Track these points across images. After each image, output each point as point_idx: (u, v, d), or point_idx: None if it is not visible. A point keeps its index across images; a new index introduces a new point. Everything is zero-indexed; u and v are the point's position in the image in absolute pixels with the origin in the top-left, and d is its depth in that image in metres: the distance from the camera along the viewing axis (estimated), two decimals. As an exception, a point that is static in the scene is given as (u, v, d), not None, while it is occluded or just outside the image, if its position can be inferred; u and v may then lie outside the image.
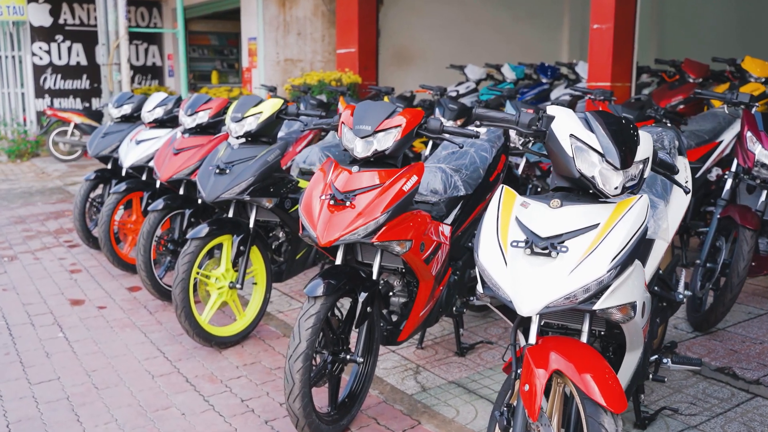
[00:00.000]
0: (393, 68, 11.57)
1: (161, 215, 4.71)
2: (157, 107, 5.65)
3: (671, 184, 2.99)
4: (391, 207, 2.91)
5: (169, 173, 4.76)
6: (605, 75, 7.01)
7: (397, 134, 3.04)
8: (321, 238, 2.90)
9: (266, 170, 3.98)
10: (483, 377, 3.58)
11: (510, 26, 12.56)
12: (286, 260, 4.40)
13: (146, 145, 5.54)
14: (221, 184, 3.95)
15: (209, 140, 4.87)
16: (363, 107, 3.13)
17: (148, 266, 4.65)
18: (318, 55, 11.88)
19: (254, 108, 4.12)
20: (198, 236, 3.88)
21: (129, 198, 5.55)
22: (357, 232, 2.89)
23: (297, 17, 11.61)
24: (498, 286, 2.18)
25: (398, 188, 2.95)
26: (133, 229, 5.63)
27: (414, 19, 11.64)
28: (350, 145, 3.10)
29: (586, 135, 2.24)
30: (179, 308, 3.83)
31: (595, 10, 7.05)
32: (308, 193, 3.08)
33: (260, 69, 11.65)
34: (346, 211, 2.92)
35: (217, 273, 4.03)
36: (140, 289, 5.23)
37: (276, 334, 4.29)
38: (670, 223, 2.85)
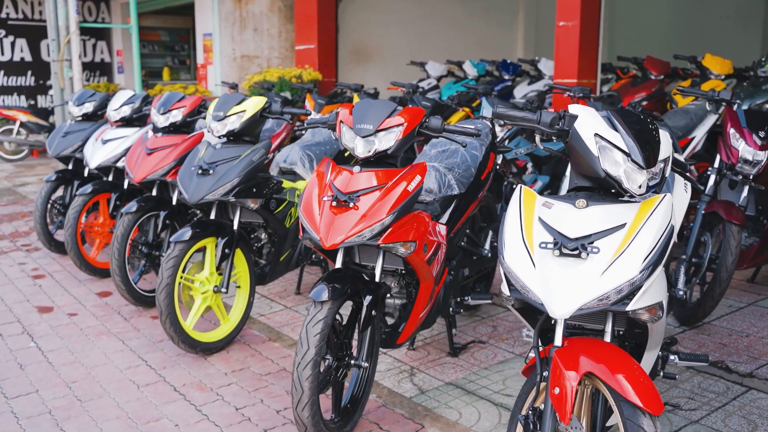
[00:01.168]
0: (352, 65, 11.49)
1: (135, 217, 4.54)
2: (124, 105, 5.46)
3: (672, 182, 3.00)
4: (396, 208, 2.84)
5: (142, 174, 4.59)
6: (571, 72, 7.07)
7: (399, 133, 2.98)
8: (325, 240, 2.82)
9: (252, 170, 3.87)
10: (479, 377, 3.55)
11: (466, 23, 12.62)
12: (270, 262, 4.30)
13: (113, 144, 5.35)
14: (205, 185, 3.82)
15: (183, 139, 4.72)
16: (363, 106, 3.05)
17: (122, 271, 4.47)
18: (275, 51, 11.70)
19: (237, 106, 3.99)
20: (182, 239, 3.74)
21: (96, 200, 5.34)
22: (362, 234, 2.82)
23: (253, 13, 11.41)
24: (527, 289, 2.15)
25: (402, 189, 2.89)
26: (100, 232, 5.42)
27: (372, 15, 11.58)
28: (350, 144, 3.02)
29: (610, 134, 2.22)
30: (164, 314, 3.69)
31: (561, 8, 7.10)
32: (308, 195, 2.99)
33: (216, 65, 11.42)
34: (349, 213, 2.85)
35: (201, 277, 3.90)
36: (111, 294, 5.04)
37: (261, 338, 4.18)
38: (676, 220, 2.86)
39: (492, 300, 3.74)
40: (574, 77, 7.05)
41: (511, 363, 3.72)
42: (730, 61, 7.20)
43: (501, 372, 3.61)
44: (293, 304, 4.70)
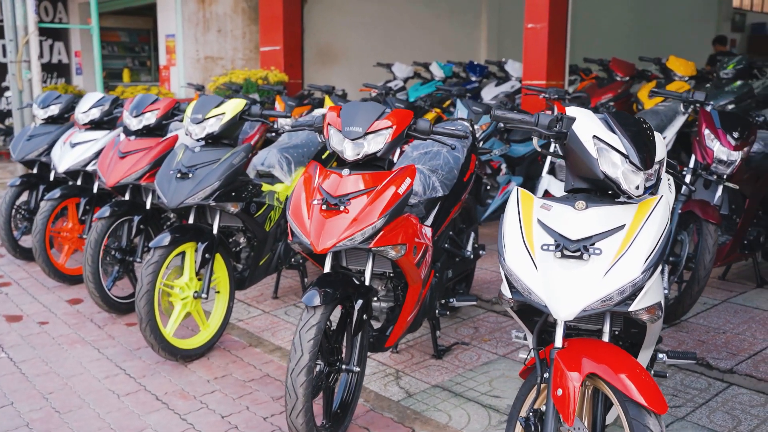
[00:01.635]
0: (317, 66, 11.44)
1: (109, 222, 4.44)
2: (93, 108, 5.34)
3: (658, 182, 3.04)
4: (387, 211, 2.83)
5: (116, 178, 4.49)
6: (540, 73, 7.14)
7: (389, 136, 2.96)
8: (316, 245, 2.79)
9: (232, 174, 3.82)
10: (466, 379, 3.55)
11: (431, 24, 12.67)
12: (249, 267, 4.24)
13: (82, 148, 5.22)
14: (184, 189, 3.75)
15: (157, 142, 4.63)
16: (351, 108, 3.03)
17: (96, 277, 4.37)
18: (239, 52, 11.58)
19: (216, 109, 3.93)
20: (161, 245, 3.67)
21: (64, 205, 5.21)
22: (354, 238, 2.80)
23: (217, 14, 11.28)
24: (530, 291, 2.15)
25: (393, 192, 2.87)
26: (69, 238, 5.29)
27: (337, 17, 11.54)
28: (339, 147, 2.99)
29: (608, 136, 2.23)
30: (144, 321, 3.61)
31: (530, 10, 7.17)
32: (296, 198, 2.96)
33: (179, 67, 11.25)
34: (340, 217, 2.82)
35: (180, 283, 3.82)
36: (82, 301, 4.92)
37: (241, 343, 4.12)
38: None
39: (476, 302, 3.74)
40: (543, 78, 7.12)
41: (496, 364, 3.73)
42: (693, 63, 7.35)
43: (486, 373, 3.62)
44: (271, 309, 4.64)
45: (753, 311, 4.32)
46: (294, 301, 4.77)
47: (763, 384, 3.36)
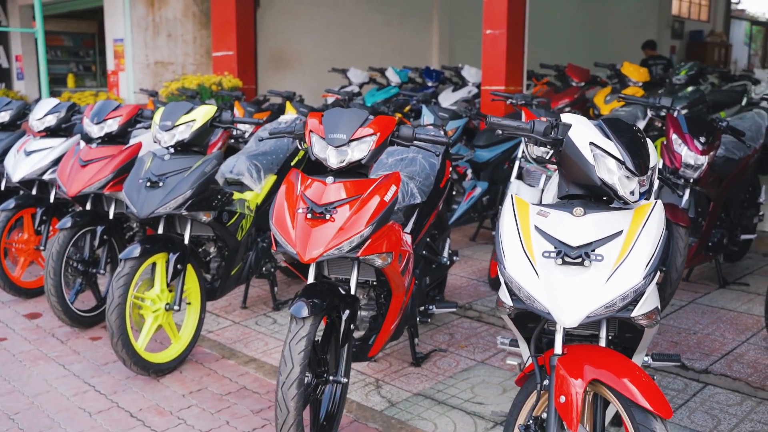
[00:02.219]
0: (270, 72, 11.33)
1: (71, 233, 4.29)
2: (48, 115, 5.15)
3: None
4: (374, 219, 2.79)
5: (78, 187, 4.34)
6: (499, 79, 7.20)
7: (372, 143, 2.93)
8: (303, 254, 2.73)
9: (204, 182, 3.72)
10: (447, 387, 3.54)
11: (383, 29, 12.68)
12: (220, 277, 4.14)
13: (38, 156, 5.03)
14: (155, 199, 3.64)
15: (120, 150, 4.49)
16: (333, 115, 2.98)
17: (59, 290, 4.21)
18: (189, 57, 11.38)
19: (186, 115, 3.83)
20: (132, 256, 3.55)
21: (19, 215, 5.01)
22: (341, 247, 2.75)
23: (167, 18, 11.06)
24: (533, 299, 2.14)
25: (379, 200, 2.84)
26: (24, 250, 5.09)
27: (290, 22, 11.46)
28: (322, 155, 2.94)
29: (604, 142, 2.24)
30: (116, 336, 3.49)
31: (488, 16, 7.23)
32: (279, 207, 2.89)
33: (128, 72, 11.00)
34: (326, 225, 2.77)
35: (151, 295, 3.71)
36: (41, 315, 4.74)
37: (213, 356, 4.02)
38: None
39: (456, 308, 3.73)
40: (502, 84, 7.18)
41: (475, 370, 3.72)
42: (646, 70, 7.53)
43: (467, 380, 3.61)
44: (241, 319, 4.55)
45: (719, 311, 4.43)
46: (264, 310, 4.69)
47: (738, 383, 3.43)
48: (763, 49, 25.58)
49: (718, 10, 22.76)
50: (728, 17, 23.40)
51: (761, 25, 26.29)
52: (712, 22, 22.60)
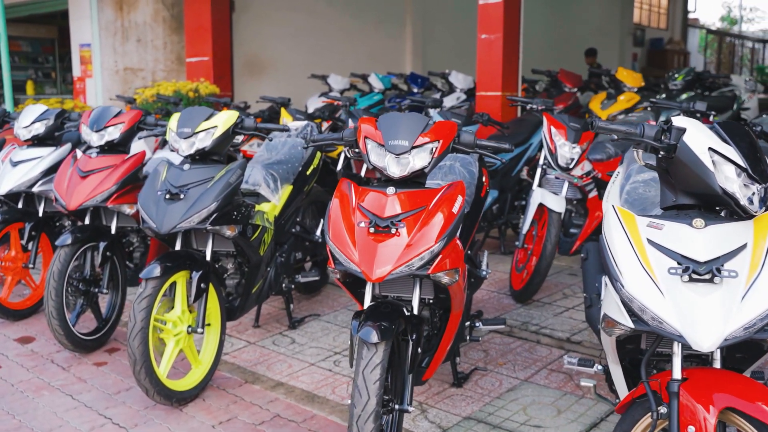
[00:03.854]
0: (245, 78, 11.02)
1: (73, 250, 3.95)
2: (36, 122, 4.80)
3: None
4: (445, 233, 2.56)
5: (79, 200, 4.01)
6: (495, 84, 7.05)
7: (436, 150, 2.71)
8: (369, 273, 2.49)
9: (229, 194, 3.44)
10: (497, 408, 3.32)
11: (357, 35, 12.49)
12: (240, 295, 3.85)
13: (26, 167, 4.67)
14: (176, 212, 3.35)
15: (122, 160, 4.18)
16: (391, 120, 2.74)
17: (61, 313, 3.87)
18: (160, 63, 10.99)
19: (206, 122, 3.55)
20: (153, 276, 3.25)
21: (6, 231, 4.63)
22: (411, 264, 2.51)
23: (136, 22, 10.66)
24: (660, 320, 1.94)
25: (447, 212, 2.61)
26: (11, 268, 4.70)
27: (265, 27, 11.17)
28: (380, 163, 2.70)
29: (724, 148, 2.06)
30: (138, 363, 3.18)
31: (483, 21, 7.08)
32: (335, 221, 2.64)
33: (97, 79, 10.55)
34: (393, 241, 2.53)
35: (172, 317, 3.41)
36: (34, 339, 4.38)
37: (235, 380, 3.73)
38: None
39: (504, 325, 3.53)
40: (498, 89, 7.03)
41: (522, 390, 3.51)
42: (640, 75, 7.47)
43: (516, 401, 3.40)
44: (257, 339, 4.26)
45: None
46: (279, 329, 4.41)
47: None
48: (717, 57, 26.16)
49: (675, 19, 23.18)
50: (685, 25, 23.86)
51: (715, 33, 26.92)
52: (671, 30, 23.01)
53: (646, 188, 2.88)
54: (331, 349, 4.07)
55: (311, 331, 4.34)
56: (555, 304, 4.60)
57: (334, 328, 4.38)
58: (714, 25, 32.86)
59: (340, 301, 4.88)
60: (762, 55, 28.82)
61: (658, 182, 2.78)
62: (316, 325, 4.44)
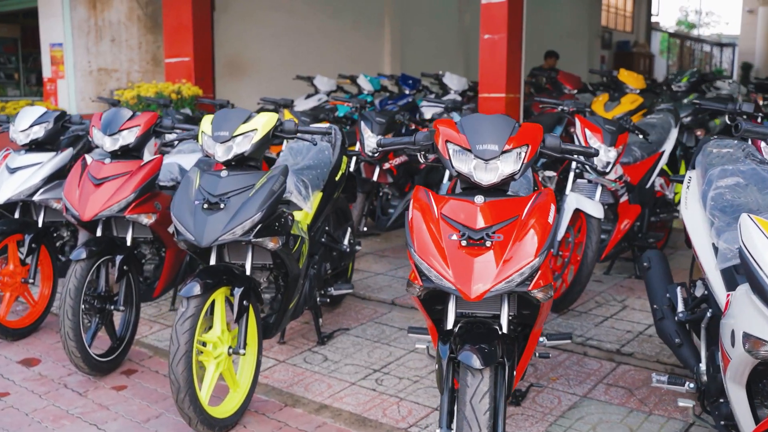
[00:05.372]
0: (226, 79, 10.67)
1: (89, 265, 3.62)
2: (35, 125, 4.46)
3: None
4: (544, 246, 2.35)
5: (94, 210, 3.69)
6: (499, 86, 6.88)
7: (525, 155, 2.49)
8: (467, 291, 2.26)
9: (273, 203, 3.17)
10: (564, 429, 3.12)
11: (337, 36, 12.26)
12: (276, 311, 3.58)
13: (26, 173, 4.33)
14: (218, 224, 3.07)
15: (139, 166, 3.86)
16: (476, 121, 2.52)
17: (77, 334, 3.54)
18: (135, 64, 10.57)
19: (245, 125, 3.27)
20: (194, 294, 2.96)
21: (4, 244, 4.26)
22: (511, 280, 2.30)
23: (110, 21, 10.23)
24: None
25: (543, 221, 2.40)
26: (9, 284, 4.33)
27: (246, 27, 10.85)
28: (466, 169, 2.47)
29: None
30: (182, 391, 2.89)
31: (486, 21, 6.90)
32: (418, 233, 2.41)
33: (69, 80, 10.09)
34: (489, 255, 2.31)
35: (212, 338, 3.12)
36: (39, 361, 4.03)
37: (273, 404, 3.45)
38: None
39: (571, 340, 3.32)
40: (502, 91, 6.87)
41: (585, 407, 3.32)
42: (642, 76, 7.38)
43: (582, 419, 3.20)
44: (286, 357, 3.99)
45: None
46: (307, 345, 4.14)
47: None
48: (679, 60, 26.59)
49: (640, 22, 23.49)
50: (649, 29, 24.19)
51: (677, 37, 27.37)
52: (636, 34, 23.30)
53: (733, 194, 2.71)
54: (369, 366, 3.83)
55: (342, 347, 4.09)
56: (591, 313, 4.43)
57: (366, 343, 4.13)
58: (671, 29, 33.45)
59: (364, 313, 4.63)
60: (720, 58, 29.42)
61: (745, 188, 2.62)
62: (345, 340, 4.18)
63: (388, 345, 4.10)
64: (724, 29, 36.49)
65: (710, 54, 28.92)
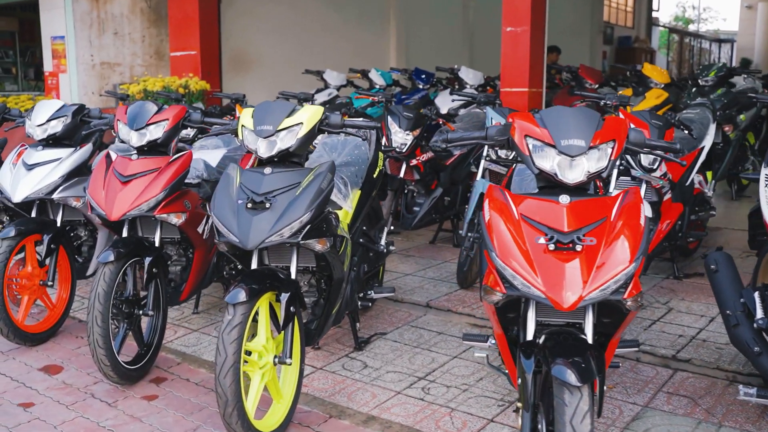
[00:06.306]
0: (231, 73, 10.45)
1: (118, 267, 3.41)
2: (53, 119, 4.24)
3: None
4: (639, 250, 2.16)
5: (122, 209, 3.48)
6: (522, 80, 6.68)
7: (612, 151, 2.30)
8: (560, 300, 2.08)
9: (322, 202, 2.97)
10: (633, 443, 2.94)
11: (342, 30, 12.05)
12: (318, 317, 3.38)
13: (44, 170, 4.11)
14: (264, 224, 2.86)
15: (168, 162, 3.66)
16: (558, 115, 2.33)
17: (107, 342, 3.33)
18: (138, 58, 10.33)
19: (289, 118, 3.06)
20: (239, 300, 2.75)
21: (21, 245, 4.04)
22: (606, 288, 2.11)
23: (113, 14, 9.98)
24: None
25: (635, 223, 2.21)
26: (27, 286, 4.12)
27: (251, 21, 10.63)
28: (548, 166, 2.28)
29: None
30: (230, 405, 2.69)
31: (508, 12, 6.70)
32: (501, 236, 2.22)
33: (71, 74, 9.82)
34: (579, 261, 2.12)
35: (257, 346, 2.91)
36: (62, 368, 3.81)
37: (317, 415, 3.25)
38: None
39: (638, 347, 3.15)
40: (525, 86, 6.68)
41: (650, 419, 3.13)
42: (666, 71, 7.21)
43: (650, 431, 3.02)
44: (323, 363, 3.78)
45: None
46: (343, 350, 3.93)
47: None
48: (678, 55, 26.49)
49: (641, 17, 23.34)
50: (650, 24, 24.06)
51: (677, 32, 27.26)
52: (637, 29, 23.15)
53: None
54: (412, 373, 3.63)
55: (381, 353, 3.89)
56: (637, 316, 4.25)
57: (405, 349, 3.94)
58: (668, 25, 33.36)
59: (398, 316, 4.43)
60: (718, 54, 29.33)
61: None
62: (383, 345, 3.99)
63: (428, 350, 3.90)
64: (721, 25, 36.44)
65: (709, 50, 28.82)
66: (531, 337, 2.28)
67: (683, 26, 34.27)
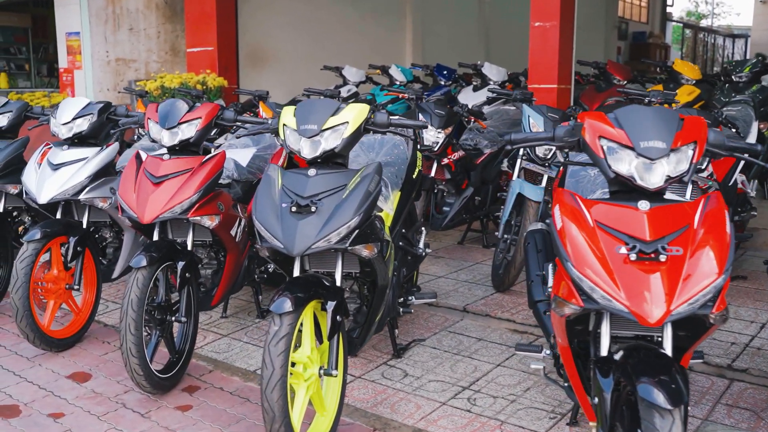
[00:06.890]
0: (248, 69, 10.30)
1: (151, 272, 3.27)
2: (78, 118, 4.11)
3: None
4: (727, 262, 2.00)
5: (155, 212, 3.34)
6: (550, 77, 6.52)
7: (693, 155, 2.15)
8: (645, 315, 1.93)
9: (370, 206, 2.82)
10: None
11: (358, 26, 11.90)
12: (361, 325, 3.24)
13: (69, 170, 3.98)
14: (311, 229, 2.71)
15: (200, 162, 3.52)
16: (635, 114, 2.17)
17: (140, 350, 3.20)
18: (153, 54, 10.20)
19: (334, 117, 2.91)
20: (286, 310, 2.61)
21: (47, 248, 3.91)
22: (694, 302, 1.96)
23: (128, 10, 9.85)
24: None
25: (721, 231, 2.05)
26: (53, 290, 3.99)
27: (268, 16, 10.48)
28: (625, 170, 2.12)
29: None
30: (278, 422, 2.55)
31: (537, 7, 6.54)
32: (577, 244, 2.06)
33: (86, 70, 9.70)
34: (663, 273, 1.96)
35: (302, 358, 2.77)
36: (90, 376, 3.68)
37: (361, 427, 3.10)
38: None
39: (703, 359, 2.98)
40: (554, 82, 6.51)
41: None
42: (698, 67, 7.04)
43: (714, 448, 2.87)
44: (361, 372, 3.63)
45: None
46: (381, 358, 3.79)
47: None
48: (693, 51, 26.22)
49: (655, 13, 23.10)
50: (664, 19, 23.82)
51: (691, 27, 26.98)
52: (651, 24, 22.91)
53: None
54: (455, 382, 3.49)
55: (420, 360, 3.74)
56: (684, 322, 4.09)
57: (445, 356, 3.79)
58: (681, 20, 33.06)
59: (435, 321, 4.29)
60: (732, 50, 29.03)
61: None
62: (422, 352, 3.84)
63: (470, 358, 3.76)
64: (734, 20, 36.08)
65: (723, 45, 28.51)
66: (605, 353, 2.14)
67: (696, 21, 33.95)
